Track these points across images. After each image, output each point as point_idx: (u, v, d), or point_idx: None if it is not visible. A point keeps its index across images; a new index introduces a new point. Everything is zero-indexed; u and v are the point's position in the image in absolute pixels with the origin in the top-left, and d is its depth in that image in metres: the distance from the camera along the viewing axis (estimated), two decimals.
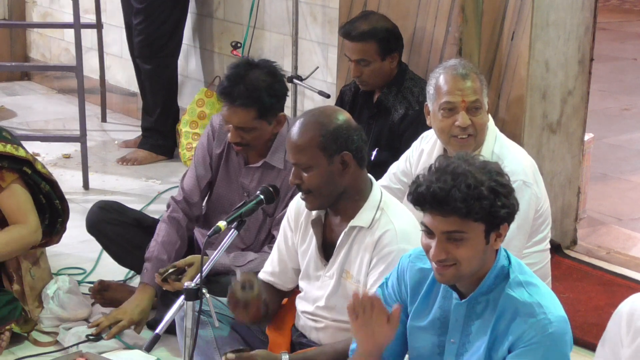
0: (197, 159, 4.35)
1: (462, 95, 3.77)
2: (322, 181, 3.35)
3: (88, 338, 4.18)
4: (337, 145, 3.34)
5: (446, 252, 2.76)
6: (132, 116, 7.57)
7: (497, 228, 2.78)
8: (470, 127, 3.79)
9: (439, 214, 2.74)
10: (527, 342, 2.75)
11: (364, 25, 4.77)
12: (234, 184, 4.29)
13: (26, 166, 4.25)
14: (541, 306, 2.77)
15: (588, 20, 5.02)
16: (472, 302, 2.85)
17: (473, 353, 2.85)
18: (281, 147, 4.11)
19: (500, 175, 2.79)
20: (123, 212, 4.53)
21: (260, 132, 4.09)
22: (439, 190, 2.71)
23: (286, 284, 3.70)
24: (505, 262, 2.85)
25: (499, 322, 2.80)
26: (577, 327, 4.43)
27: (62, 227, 4.44)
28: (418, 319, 2.97)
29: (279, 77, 4.17)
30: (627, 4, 12.95)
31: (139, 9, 6.49)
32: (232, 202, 4.22)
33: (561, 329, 2.77)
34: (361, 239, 3.39)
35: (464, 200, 2.70)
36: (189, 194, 4.33)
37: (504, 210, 2.75)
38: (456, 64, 3.84)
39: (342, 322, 3.44)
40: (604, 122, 7.67)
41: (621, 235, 5.56)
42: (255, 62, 4.17)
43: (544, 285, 2.87)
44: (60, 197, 4.38)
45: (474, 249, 2.76)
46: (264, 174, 4.20)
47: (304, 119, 3.41)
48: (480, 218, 2.73)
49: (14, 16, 8.50)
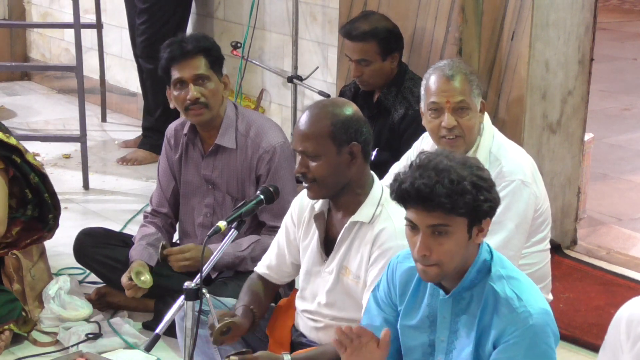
0: (160, 172, 4.49)
1: (447, 96, 3.78)
2: (329, 171, 3.34)
3: (88, 337, 4.19)
4: (347, 135, 3.35)
5: (431, 247, 2.77)
6: (132, 116, 7.57)
7: (479, 222, 2.80)
8: (457, 128, 3.79)
9: (424, 209, 2.76)
10: (509, 337, 2.77)
11: (365, 25, 4.77)
12: (197, 180, 4.37)
13: (16, 154, 4.24)
14: (521, 299, 2.79)
15: (588, 20, 5.02)
16: (456, 297, 2.87)
17: (461, 350, 2.87)
18: (230, 128, 4.24)
19: (481, 170, 2.81)
20: (108, 235, 4.59)
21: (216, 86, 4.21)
22: (424, 187, 2.73)
23: (282, 278, 3.70)
24: (488, 256, 2.87)
25: (483, 316, 2.82)
26: (577, 327, 4.44)
27: (55, 224, 4.43)
28: (408, 317, 2.98)
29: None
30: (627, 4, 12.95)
31: (143, 9, 6.51)
32: (200, 199, 4.36)
33: (542, 321, 2.79)
34: (362, 234, 3.40)
35: (448, 195, 2.72)
36: (158, 205, 4.47)
37: (487, 204, 2.78)
38: (445, 65, 3.85)
39: (342, 321, 3.44)
40: (604, 122, 7.67)
41: (621, 235, 5.56)
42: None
43: (525, 278, 2.89)
44: (51, 192, 4.37)
45: (457, 243, 2.78)
46: (219, 158, 4.29)
47: (314, 107, 3.42)
48: (464, 213, 2.75)
49: (14, 16, 8.49)
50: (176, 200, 4.47)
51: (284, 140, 4.29)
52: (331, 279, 3.48)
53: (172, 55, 4.19)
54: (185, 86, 4.18)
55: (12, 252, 4.33)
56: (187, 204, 4.43)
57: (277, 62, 6.33)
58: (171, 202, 4.46)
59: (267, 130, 4.27)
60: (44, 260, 4.51)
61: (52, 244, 4.68)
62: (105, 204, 5.96)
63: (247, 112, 4.40)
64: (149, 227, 4.40)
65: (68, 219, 5.42)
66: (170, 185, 4.45)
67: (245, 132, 4.26)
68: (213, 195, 4.33)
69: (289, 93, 6.04)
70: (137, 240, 4.36)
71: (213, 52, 4.23)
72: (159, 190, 4.49)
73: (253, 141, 4.25)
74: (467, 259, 2.83)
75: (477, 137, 3.87)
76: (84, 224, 4.90)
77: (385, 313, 3.05)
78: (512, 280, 2.84)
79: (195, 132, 4.33)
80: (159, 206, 4.46)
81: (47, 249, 4.59)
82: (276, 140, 4.24)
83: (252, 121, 4.29)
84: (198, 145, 4.34)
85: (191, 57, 4.18)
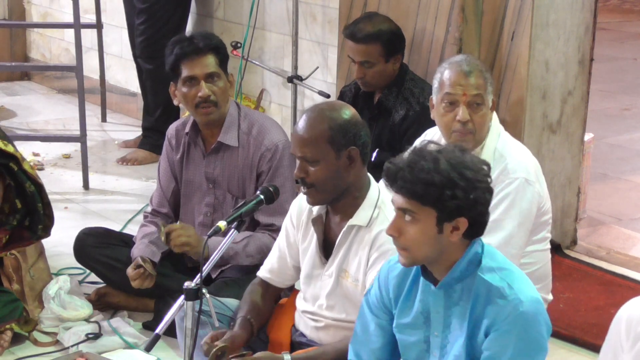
0: (160, 173, 4.49)
1: (464, 89, 3.78)
2: (328, 176, 3.34)
3: (88, 337, 4.19)
4: (346, 139, 3.35)
5: (400, 230, 2.82)
6: (132, 116, 7.57)
7: (449, 219, 2.80)
8: (470, 123, 3.79)
9: (394, 190, 2.83)
10: (500, 325, 2.78)
11: (369, 27, 4.75)
12: (198, 178, 4.37)
13: (13, 162, 4.24)
14: (512, 287, 2.81)
15: (588, 20, 5.02)
16: (447, 289, 2.88)
17: (455, 343, 2.88)
18: (233, 126, 4.24)
19: (471, 170, 2.80)
20: (109, 235, 4.58)
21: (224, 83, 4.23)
22: (393, 168, 2.81)
23: (284, 281, 3.70)
24: (479, 249, 2.87)
25: (475, 307, 2.84)
26: (577, 327, 4.44)
27: (45, 234, 4.37)
28: (403, 316, 3.00)
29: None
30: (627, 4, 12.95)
31: (142, 9, 6.50)
32: (200, 198, 4.36)
33: (533, 309, 2.80)
34: (360, 238, 3.40)
35: (411, 182, 2.76)
36: (158, 205, 4.46)
37: (453, 202, 2.77)
38: (462, 60, 3.86)
39: (343, 321, 3.45)
40: (604, 122, 7.67)
41: (621, 235, 5.56)
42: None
43: (516, 269, 2.91)
44: (45, 202, 4.35)
45: (424, 233, 2.80)
46: (221, 156, 4.29)
47: (311, 112, 3.40)
48: (429, 203, 2.77)
49: (14, 16, 8.49)
50: (176, 201, 4.47)
51: (286, 139, 4.29)
52: (331, 282, 3.48)
53: (184, 52, 4.19)
54: (196, 83, 4.18)
55: (11, 252, 4.32)
56: (187, 203, 4.43)
57: (277, 62, 6.33)
58: (171, 202, 4.46)
59: (269, 129, 4.28)
60: (43, 260, 4.51)
61: (52, 244, 4.68)
62: (105, 204, 5.96)
63: (249, 111, 4.41)
64: (149, 226, 4.40)
65: (68, 219, 5.43)
66: (170, 186, 4.45)
67: (248, 130, 4.27)
68: (214, 193, 4.34)
69: (289, 93, 6.04)
70: (138, 239, 4.36)
71: (222, 51, 4.25)
72: (159, 190, 4.48)
73: (255, 139, 4.25)
74: (447, 254, 2.84)
75: (486, 135, 3.87)
76: (84, 224, 4.90)
77: (378, 317, 3.07)
78: (503, 271, 2.86)
79: (197, 130, 4.33)
80: (159, 206, 4.46)
81: (47, 249, 4.58)
82: (278, 139, 4.25)
83: (254, 120, 4.30)
84: (200, 144, 4.34)
85: (203, 55, 4.19)
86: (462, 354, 2.86)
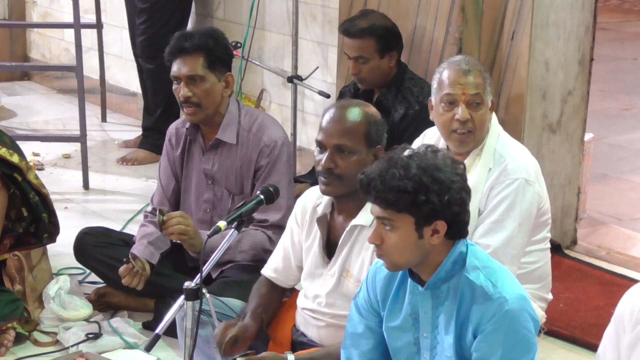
0: (161, 171, 4.50)
1: (463, 89, 3.78)
2: (357, 169, 3.27)
3: (88, 337, 4.19)
4: (377, 137, 3.41)
5: (382, 238, 2.84)
6: (132, 116, 7.57)
7: (428, 223, 2.80)
8: (470, 122, 3.79)
9: (369, 201, 2.85)
10: (487, 325, 2.79)
11: (363, 22, 4.78)
12: (197, 175, 4.38)
13: (17, 173, 4.25)
14: (496, 286, 2.82)
15: (588, 20, 5.02)
16: (434, 290, 2.89)
17: (444, 343, 2.89)
18: (232, 124, 4.25)
19: (443, 171, 2.80)
20: (108, 234, 4.59)
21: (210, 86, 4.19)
22: (364, 178, 2.83)
23: (288, 281, 3.71)
24: (464, 249, 2.88)
25: (461, 307, 2.85)
26: (577, 327, 4.44)
27: (51, 240, 4.43)
28: (391, 319, 3.01)
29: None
30: (627, 4, 12.95)
31: (143, 9, 6.51)
32: (199, 194, 4.37)
33: (519, 306, 2.80)
34: (363, 238, 3.40)
35: (384, 191, 2.77)
36: (159, 204, 4.45)
37: (428, 206, 2.78)
38: (460, 60, 3.86)
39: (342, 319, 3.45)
40: (604, 122, 7.67)
41: (621, 235, 5.56)
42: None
43: (500, 267, 2.91)
44: (50, 211, 4.36)
45: (403, 239, 2.81)
46: (220, 153, 4.30)
47: (347, 105, 3.44)
48: (404, 210, 2.78)
49: (14, 16, 8.49)
50: (177, 200, 4.47)
51: (286, 136, 4.30)
52: (333, 281, 3.49)
53: (172, 50, 4.22)
54: (179, 82, 4.20)
55: (14, 253, 4.33)
56: (187, 200, 4.44)
57: (277, 62, 6.34)
58: (172, 201, 4.46)
59: (269, 125, 4.29)
60: (46, 261, 4.51)
61: (52, 244, 4.68)
62: (105, 203, 5.96)
63: (250, 109, 4.42)
64: (149, 226, 4.40)
65: (68, 218, 5.42)
66: (170, 185, 4.46)
67: (248, 127, 4.28)
68: (212, 190, 4.34)
69: (289, 93, 6.04)
70: (137, 239, 4.36)
71: (215, 51, 4.22)
72: (159, 189, 4.49)
73: (255, 135, 4.26)
74: (432, 256, 2.85)
75: (486, 136, 3.87)
76: (84, 223, 4.89)
77: (367, 320, 3.08)
78: (487, 269, 2.87)
79: (197, 127, 4.34)
80: (159, 205, 4.44)
81: (47, 248, 4.58)
82: (278, 135, 4.26)
83: (255, 117, 4.32)
84: (199, 140, 4.35)
85: (189, 55, 4.19)
86: (452, 355, 2.86)
